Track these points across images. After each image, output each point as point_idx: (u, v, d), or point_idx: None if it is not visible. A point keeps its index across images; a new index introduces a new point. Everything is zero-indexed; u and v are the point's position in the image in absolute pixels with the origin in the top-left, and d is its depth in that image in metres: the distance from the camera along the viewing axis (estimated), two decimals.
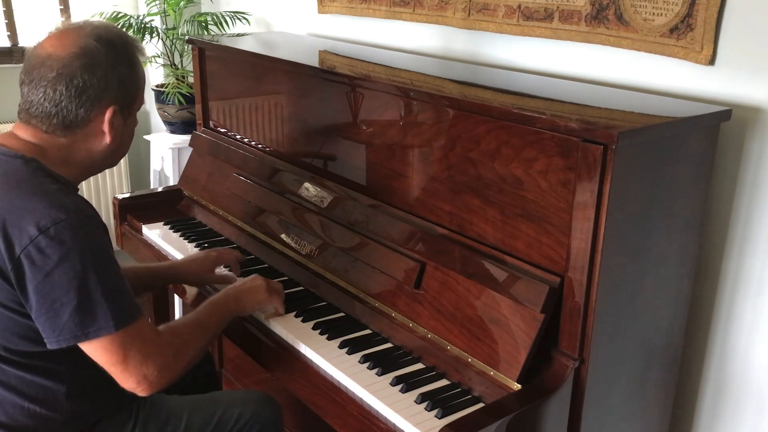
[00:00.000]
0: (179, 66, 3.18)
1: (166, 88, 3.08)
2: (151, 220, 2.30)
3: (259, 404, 1.69)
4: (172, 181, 3.23)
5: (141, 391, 1.37)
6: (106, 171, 3.57)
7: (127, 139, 1.51)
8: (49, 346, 1.32)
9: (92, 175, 1.53)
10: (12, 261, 1.28)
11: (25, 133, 1.41)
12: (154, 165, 3.42)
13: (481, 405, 1.40)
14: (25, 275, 1.28)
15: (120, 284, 1.35)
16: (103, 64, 1.38)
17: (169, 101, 3.10)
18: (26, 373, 1.38)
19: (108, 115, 1.40)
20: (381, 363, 1.53)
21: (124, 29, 2.98)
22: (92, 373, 1.36)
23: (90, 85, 1.37)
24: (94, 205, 1.42)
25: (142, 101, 1.51)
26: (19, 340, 1.35)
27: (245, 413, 1.65)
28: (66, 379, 1.41)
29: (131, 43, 1.47)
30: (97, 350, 1.33)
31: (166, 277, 1.88)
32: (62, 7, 3.54)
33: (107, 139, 1.43)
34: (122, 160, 3.60)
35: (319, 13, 2.72)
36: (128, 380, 1.35)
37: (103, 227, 1.38)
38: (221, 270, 1.93)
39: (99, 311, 1.30)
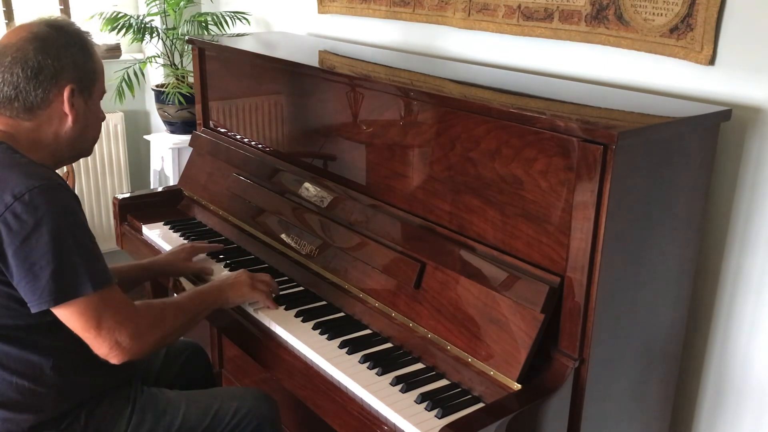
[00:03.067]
0: (179, 66, 3.18)
1: (166, 88, 3.08)
2: (151, 220, 2.31)
3: (256, 401, 1.70)
4: (172, 181, 3.23)
5: (113, 358, 1.40)
6: (106, 171, 3.59)
7: (93, 122, 1.54)
8: (32, 310, 1.35)
9: (64, 163, 1.57)
10: None
11: None
12: (154, 165, 3.41)
13: (481, 405, 1.40)
14: (3, 241, 1.31)
15: (95, 250, 1.40)
16: (56, 45, 1.44)
17: (169, 101, 3.10)
18: (11, 347, 1.41)
19: (66, 93, 1.44)
20: (381, 363, 1.53)
21: (124, 29, 3.02)
22: (77, 346, 1.39)
23: (45, 65, 1.42)
24: (94, 205, 1.43)
25: (102, 89, 1.56)
26: (1, 311, 1.37)
27: (242, 408, 1.66)
28: (51, 353, 1.43)
29: (83, 31, 1.52)
30: (72, 314, 1.36)
31: (149, 272, 1.95)
32: (62, 7, 3.54)
33: (70, 120, 1.47)
34: (122, 160, 3.63)
35: (319, 13, 2.73)
36: (101, 346, 1.39)
37: (75, 197, 1.42)
38: (200, 258, 2.01)
39: (77, 272, 1.34)
